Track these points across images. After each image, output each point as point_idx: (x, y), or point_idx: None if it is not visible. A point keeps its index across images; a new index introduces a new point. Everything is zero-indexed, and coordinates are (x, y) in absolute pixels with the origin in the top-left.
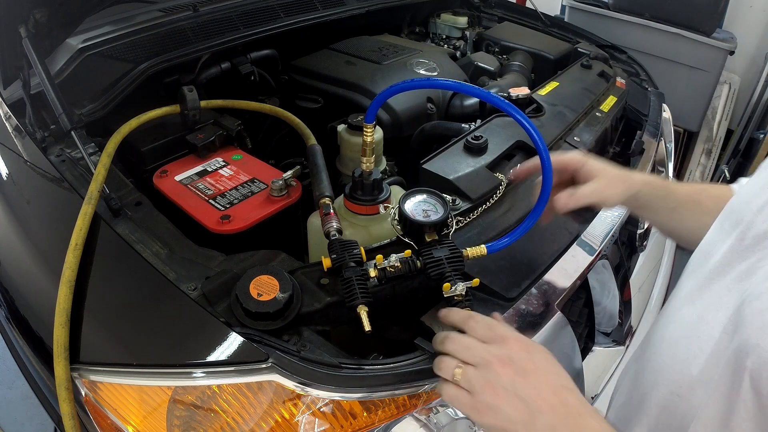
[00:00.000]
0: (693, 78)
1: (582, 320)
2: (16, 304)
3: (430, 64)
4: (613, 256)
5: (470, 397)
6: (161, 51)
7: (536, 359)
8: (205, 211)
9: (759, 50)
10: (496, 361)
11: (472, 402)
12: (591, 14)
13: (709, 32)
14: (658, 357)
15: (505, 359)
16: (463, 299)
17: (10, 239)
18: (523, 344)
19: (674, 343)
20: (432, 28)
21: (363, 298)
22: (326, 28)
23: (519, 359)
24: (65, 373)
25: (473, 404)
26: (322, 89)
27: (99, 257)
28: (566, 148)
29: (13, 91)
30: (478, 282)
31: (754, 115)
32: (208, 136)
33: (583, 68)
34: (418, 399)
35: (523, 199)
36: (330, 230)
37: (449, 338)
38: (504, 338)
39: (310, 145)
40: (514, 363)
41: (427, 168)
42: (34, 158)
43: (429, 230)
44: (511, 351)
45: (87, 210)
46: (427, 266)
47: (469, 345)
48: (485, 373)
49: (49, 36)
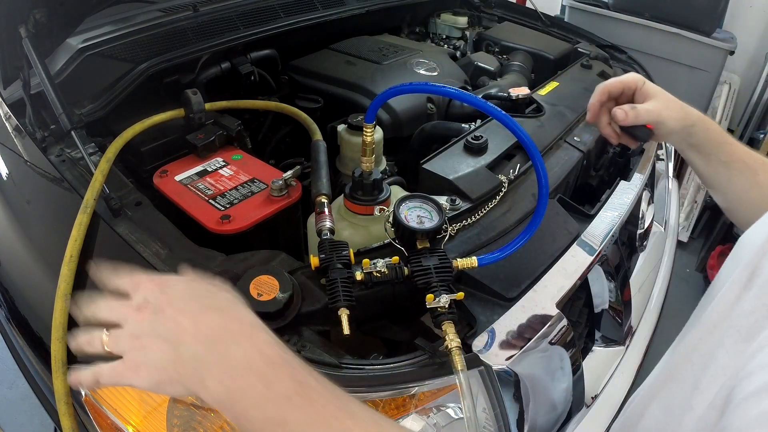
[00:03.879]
0: (693, 78)
1: (582, 320)
2: (16, 304)
3: (430, 64)
4: (613, 256)
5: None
6: (161, 51)
7: (172, 291)
8: (205, 211)
9: (759, 50)
10: (133, 311)
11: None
12: (591, 14)
13: (709, 32)
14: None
15: (141, 304)
16: (447, 311)
17: (10, 239)
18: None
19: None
20: (432, 28)
21: (345, 301)
22: (326, 28)
23: (153, 297)
24: (64, 387)
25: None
26: (322, 89)
27: (99, 257)
28: (566, 148)
29: (13, 91)
30: (462, 296)
31: (754, 115)
32: (208, 136)
33: (583, 68)
34: (418, 399)
35: (523, 200)
36: (322, 229)
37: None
38: (139, 284)
39: (314, 141)
40: (150, 304)
41: (427, 168)
42: (34, 158)
43: (421, 237)
44: (146, 293)
45: (82, 219)
46: (414, 274)
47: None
48: (128, 326)
49: (49, 36)
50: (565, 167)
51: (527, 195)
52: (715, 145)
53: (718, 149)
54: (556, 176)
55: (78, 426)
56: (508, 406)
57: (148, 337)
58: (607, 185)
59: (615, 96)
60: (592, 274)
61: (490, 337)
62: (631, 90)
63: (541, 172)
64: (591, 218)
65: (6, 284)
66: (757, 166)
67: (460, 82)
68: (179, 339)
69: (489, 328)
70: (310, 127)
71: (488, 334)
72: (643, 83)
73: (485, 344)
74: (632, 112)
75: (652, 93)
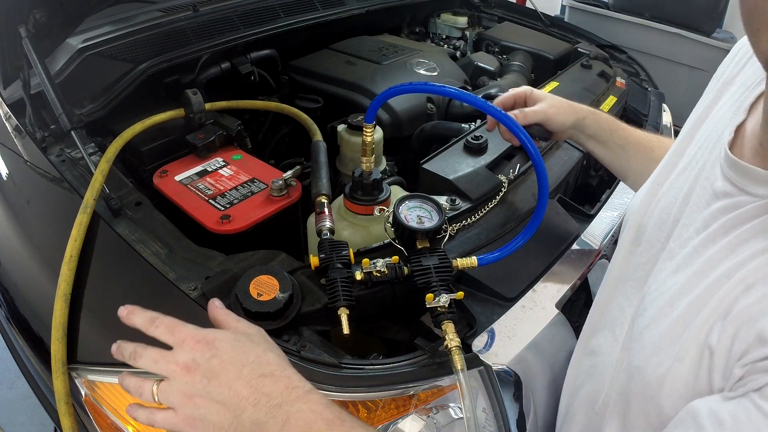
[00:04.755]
0: (693, 78)
1: (582, 320)
2: (16, 304)
3: (430, 64)
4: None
5: (174, 413)
6: (161, 51)
7: (222, 354)
8: (205, 211)
9: None
10: (182, 369)
11: (177, 419)
12: (591, 14)
13: (709, 32)
14: (580, 373)
15: (190, 365)
16: (446, 311)
17: (10, 239)
18: (204, 343)
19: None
20: (432, 28)
21: (345, 300)
22: (326, 28)
23: (204, 360)
24: (65, 387)
25: (180, 421)
26: (322, 89)
27: (99, 257)
28: (566, 148)
29: (13, 91)
30: (462, 295)
31: None
32: (208, 136)
33: (583, 68)
34: (418, 399)
35: (523, 200)
36: (322, 229)
37: (137, 353)
38: (184, 341)
39: (314, 141)
40: (200, 366)
41: (427, 168)
42: (34, 158)
43: (421, 237)
44: (194, 353)
45: (82, 220)
46: (414, 274)
47: (156, 357)
48: (177, 384)
49: (49, 36)
50: (565, 167)
51: (527, 195)
52: (609, 132)
53: (612, 135)
54: (556, 176)
55: (78, 426)
56: (508, 406)
57: (203, 399)
58: (607, 185)
59: (508, 107)
60: (592, 274)
61: (490, 337)
62: (522, 99)
63: (541, 172)
64: (591, 218)
65: (6, 284)
66: (652, 144)
67: (460, 82)
68: (239, 406)
69: (489, 328)
70: (310, 127)
71: (488, 334)
72: (531, 92)
73: (485, 344)
74: (521, 115)
75: (540, 97)
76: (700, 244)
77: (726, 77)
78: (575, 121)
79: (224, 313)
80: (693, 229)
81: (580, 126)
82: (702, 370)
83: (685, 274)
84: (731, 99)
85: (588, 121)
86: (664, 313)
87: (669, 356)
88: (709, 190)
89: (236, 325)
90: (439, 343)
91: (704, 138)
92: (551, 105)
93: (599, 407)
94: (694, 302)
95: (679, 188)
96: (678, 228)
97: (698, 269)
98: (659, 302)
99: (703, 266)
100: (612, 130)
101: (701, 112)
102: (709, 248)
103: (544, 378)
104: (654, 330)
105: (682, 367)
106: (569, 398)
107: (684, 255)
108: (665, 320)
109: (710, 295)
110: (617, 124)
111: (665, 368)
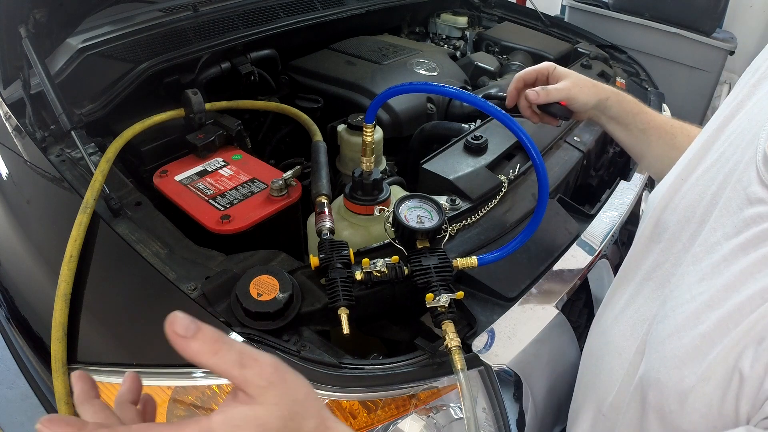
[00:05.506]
0: (693, 78)
1: (582, 320)
2: (16, 304)
3: (430, 64)
4: (613, 256)
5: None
6: (161, 51)
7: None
8: (205, 211)
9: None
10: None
11: None
12: (591, 14)
13: (709, 32)
14: (588, 372)
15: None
16: (446, 311)
17: (10, 239)
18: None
19: (601, 359)
20: (432, 28)
21: (345, 300)
22: (326, 28)
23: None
24: (65, 387)
25: None
26: (322, 89)
27: (99, 257)
28: (566, 148)
29: (13, 91)
30: (462, 295)
31: None
32: (208, 136)
33: (583, 68)
34: (418, 399)
35: (523, 200)
36: (322, 229)
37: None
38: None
39: (314, 141)
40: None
41: (427, 168)
42: (34, 158)
43: (421, 237)
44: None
45: (82, 219)
46: (414, 274)
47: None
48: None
49: (49, 36)
50: (565, 167)
51: (527, 195)
52: (632, 115)
53: (635, 118)
54: (556, 176)
55: None
56: (508, 406)
57: None
58: (607, 185)
59: (530, 83)
60: (592, 274)
61: (490, 337)
62: (544, 75)
63: (541, 172)
64: (591, 218)
65: (6, 284)
66: (674, 130)
67: (460, 82)
68: None
69: (489, 328)
70: (311, 127)
71: (488, 334)
72: (554, 69)
73: (485, 344)
74: (543, 92)
75: (563, 75)
76: (729, 254)
77: (762, 72)
78: (598, 101)
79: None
80: (721, 233)
81: (603, 107)
82: (729, 395)
83: (714, 285)
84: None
85: (611, 102)
86: (688, 324)
87: (693, 373)
88: (741, 193)
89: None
90: (439, 343)
91: (735, 134)
92: (575, 83)
93: (607, 409)
94: (724, 320)
95: (705, 185)
96: (705, 230)
97: (728, 282)
98: (683, 312)
99: (734, 280)
100: (635, 113)
101: (733, 107)
102: (740, 259)
103: (544, 378)
104: (677, 341)
105: (707, 387)
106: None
107: (711, 263)
108: (689, 333)
109: (742, 315)
110: (640, 107)
111: (688, 385)
